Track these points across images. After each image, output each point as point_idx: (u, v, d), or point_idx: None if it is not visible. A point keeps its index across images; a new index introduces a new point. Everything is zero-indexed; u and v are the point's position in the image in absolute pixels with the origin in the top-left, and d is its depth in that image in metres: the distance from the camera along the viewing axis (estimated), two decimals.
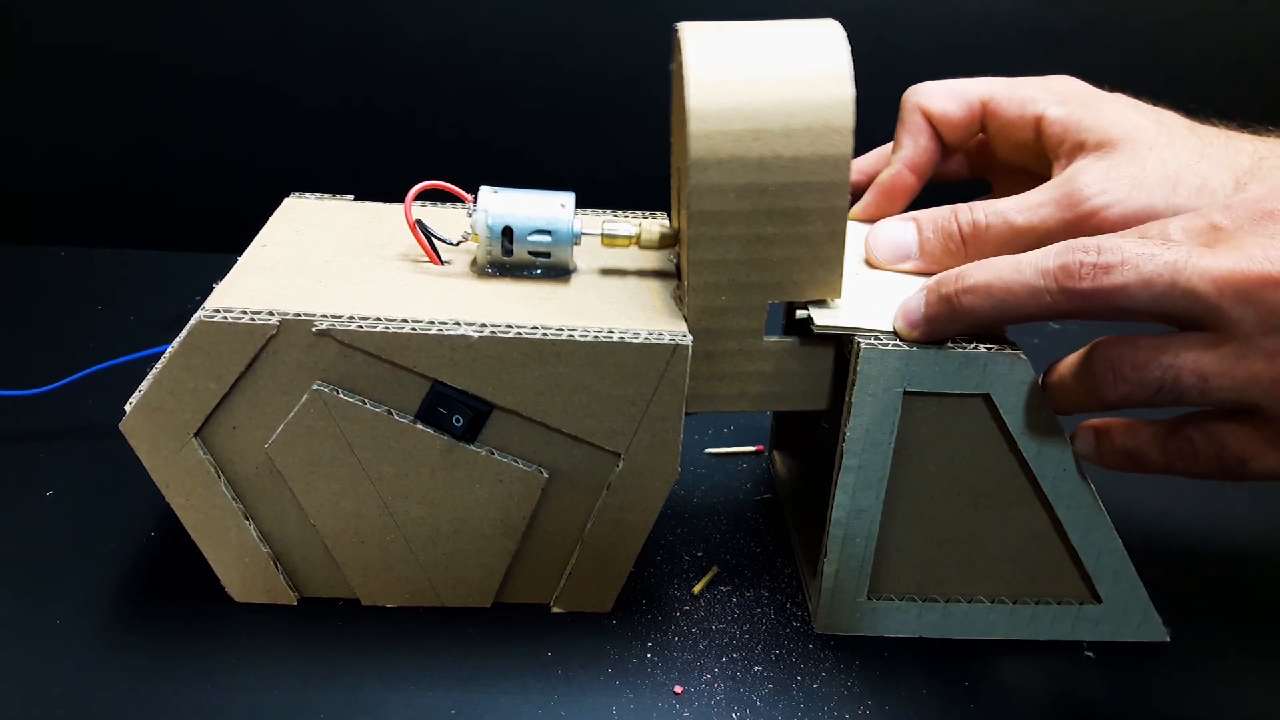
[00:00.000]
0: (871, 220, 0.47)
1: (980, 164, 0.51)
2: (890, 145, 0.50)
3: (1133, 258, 0.34)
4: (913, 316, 0.39)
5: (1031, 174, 0.46)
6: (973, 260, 0.42)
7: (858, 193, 0.50)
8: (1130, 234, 0.37)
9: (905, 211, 0.47)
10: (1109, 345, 0.37)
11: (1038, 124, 0.45)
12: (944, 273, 0.39)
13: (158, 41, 0.75)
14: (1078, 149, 0.43)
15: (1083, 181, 0.41)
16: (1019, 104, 0.46)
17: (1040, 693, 0.42)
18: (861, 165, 0.51)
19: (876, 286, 0.43)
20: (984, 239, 0.43)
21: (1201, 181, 0.41)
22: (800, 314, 0.40)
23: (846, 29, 0.39)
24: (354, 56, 0.76)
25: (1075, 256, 0.35)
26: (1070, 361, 0.38)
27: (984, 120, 0.47)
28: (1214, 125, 0.44)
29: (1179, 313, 0.34)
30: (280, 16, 0.74)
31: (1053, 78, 0.46)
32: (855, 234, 0.46)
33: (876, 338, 0.39)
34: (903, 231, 0.44)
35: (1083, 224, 0.41)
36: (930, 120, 0.47)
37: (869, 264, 0.45)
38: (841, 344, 0.41)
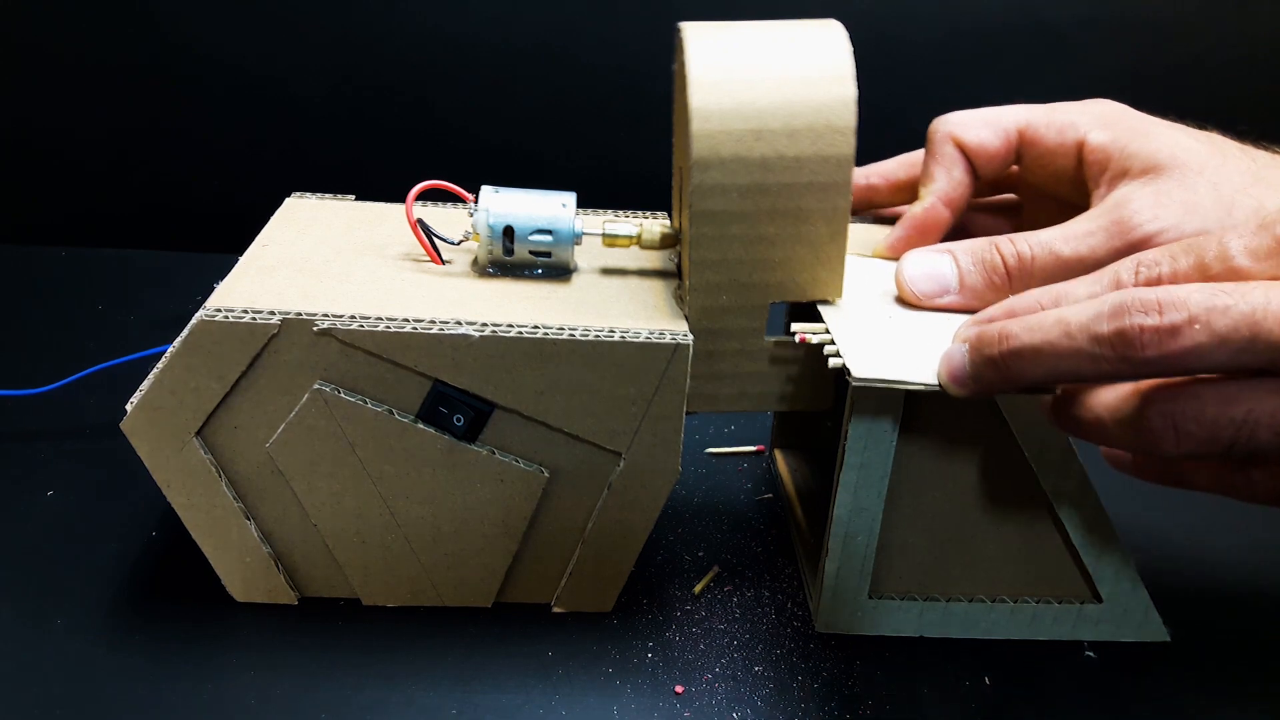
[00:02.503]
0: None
1: (1006, 190, 0.49)
2: (914, 154, 0.48)
3: (1202, 313, 0.29)
4: (958, 374, 0.36)
5: (1064, 202, 0.44)
6: (1018, 294, 0.38)
7: (877, 201, 0.48)
8: (1183, 253, 0.33)
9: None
10: (1165, 399, 0.32)
11: (1079, 150, 0.43)
12: (983, 327, 0.35)
13: (159, 41, 0.75)
14: (1121, 175, 0.41)
15: (1133, 208, 0.39)
16: (1058, 130, 0.43)
17: (1041, 693, 0.42)
18: (884, 170, 0.48)
19: (906, 324, 0.41)
20: (1030, 271, 0.40)
21: (1257, 204, 0.39)
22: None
23: (848, 29, 0.39)
24: (356, 56, 0.76)
25: (1133, 320, 0.30)
26: (1111, 405, 0.33)
27: (1020, 149, 0.45)
28: (1266, 149, 0.42)
29: (1258, 365, 0.30)
30: (282, 15, 0.74)
31: (1089, 101, 0.44)
32: (885, 270, 0.44)
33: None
34: (939, 264, 0.41)
35: (1134, 252, 0.37)
36: (965, 151, 0.45)
37: (900, 300, 0.42)
38: None
